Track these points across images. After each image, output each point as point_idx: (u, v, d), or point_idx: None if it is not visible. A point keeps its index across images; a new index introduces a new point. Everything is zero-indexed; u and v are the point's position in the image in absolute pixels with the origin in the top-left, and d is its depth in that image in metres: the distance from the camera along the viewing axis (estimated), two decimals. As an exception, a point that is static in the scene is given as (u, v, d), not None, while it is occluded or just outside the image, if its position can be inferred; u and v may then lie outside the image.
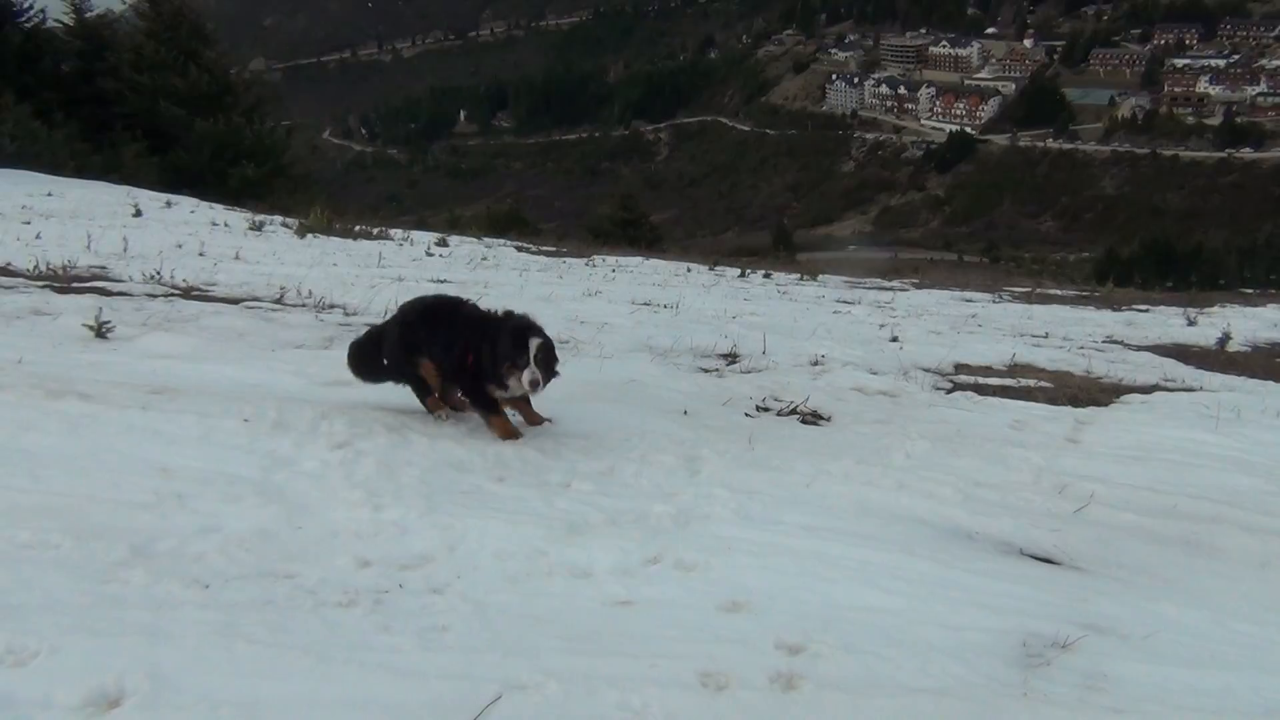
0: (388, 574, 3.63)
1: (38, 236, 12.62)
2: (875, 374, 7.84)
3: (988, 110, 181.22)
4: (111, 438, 4.67)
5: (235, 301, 8.78)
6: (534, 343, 4.97)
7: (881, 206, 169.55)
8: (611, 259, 20.11)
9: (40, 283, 8.74)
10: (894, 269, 30.86)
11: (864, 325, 11.58)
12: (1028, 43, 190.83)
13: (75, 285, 8.77)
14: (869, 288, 18.21)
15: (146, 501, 3.99)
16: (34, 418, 4.82)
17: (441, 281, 12.02)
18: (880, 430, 6.11)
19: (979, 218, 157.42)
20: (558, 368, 5.25)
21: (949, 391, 7.63)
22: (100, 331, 6.63)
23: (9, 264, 9.63)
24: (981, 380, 8.16)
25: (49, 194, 19.26)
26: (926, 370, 8.30)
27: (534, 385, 5.01)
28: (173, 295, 8.76)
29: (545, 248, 22.59)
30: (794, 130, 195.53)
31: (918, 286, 19.58)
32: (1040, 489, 5.18)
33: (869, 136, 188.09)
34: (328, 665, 2.97)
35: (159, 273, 9.67)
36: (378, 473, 4.60)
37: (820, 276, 20.53)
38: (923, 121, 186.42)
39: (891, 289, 18.06)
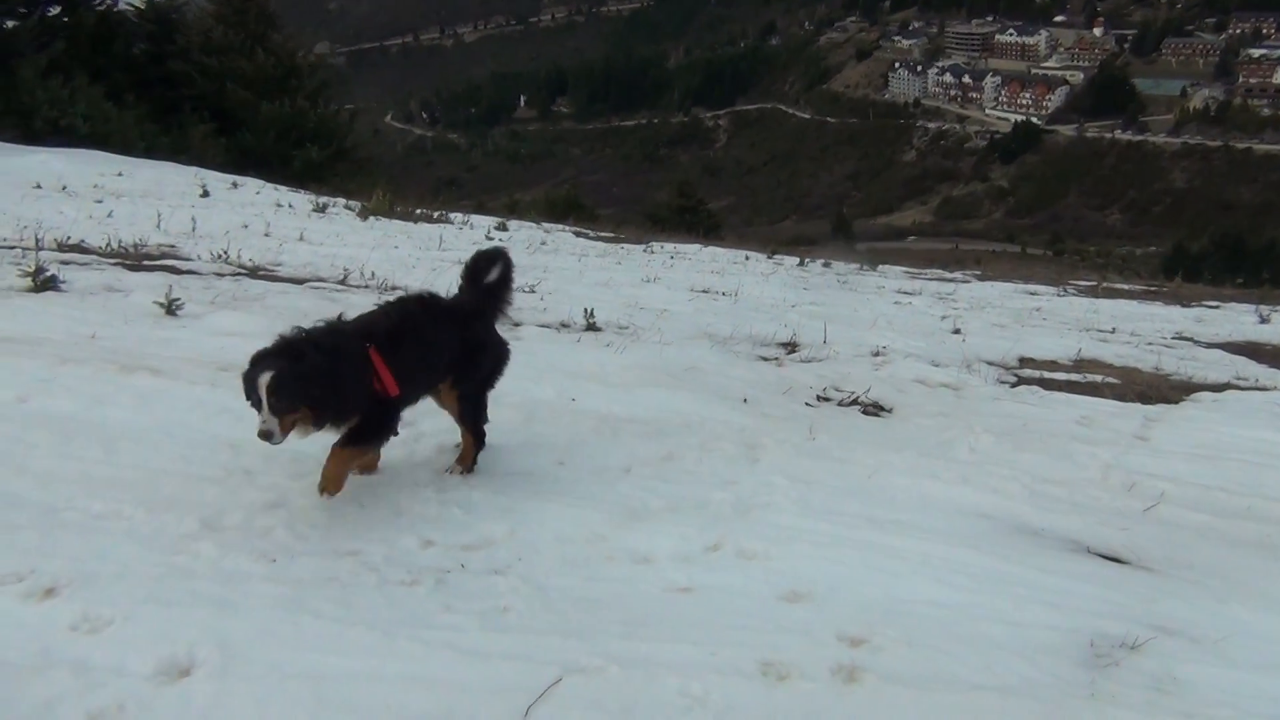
0: (450, 554, 3.66)
1: (110, 215, 12.90)
2: (937, 366, 7.74)
3: (1054, 100, 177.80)
4: (182, 413, 4.76)
5: (300, 282, 8.89)
6: (264, 379, 3.59)
7: (943, 197, 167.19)
8: (669, 246, 20.05)
9: (112, 260, 8.93)
10: (955, 260, 30.44)
11: (925, 316, 11.43)
12: (1097, 31, 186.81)
13: (146, 263, 8.94)
14: (930, 279, 17.96)
15: (215, 476, 4.07)
16: (107, 392, 4.94)
17: (501, 265, 12.07)
18: (943, 423, 6.02)
19: (1043, 210, 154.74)
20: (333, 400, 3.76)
21: (1013, 385, 7.51)
22: (170, 309, 6.75)
23: (82, 241, 9.84)
24: (1047, 375, 8.02)
25: (120, 174, 19.66)
26: (990, 363, 8.16)
27: (266, 436, 3.61)
28: (240, 274, 8.90)
29: (603, 233, 22.60)
30: (855, 118, 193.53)
31: (980, 278, 19.27)
32: (1108, 487, 5.07)
33: (931, 125, 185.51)
34: (391, 641, 3.01)
35: (226, 252, 9.82)
36: (438, 454, 4.64)
37: (880, 266, 20.29)
38: (987, 111, 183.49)
39: (953, 280, 17.79)
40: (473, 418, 4.51)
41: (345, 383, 3.77)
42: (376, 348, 3.93)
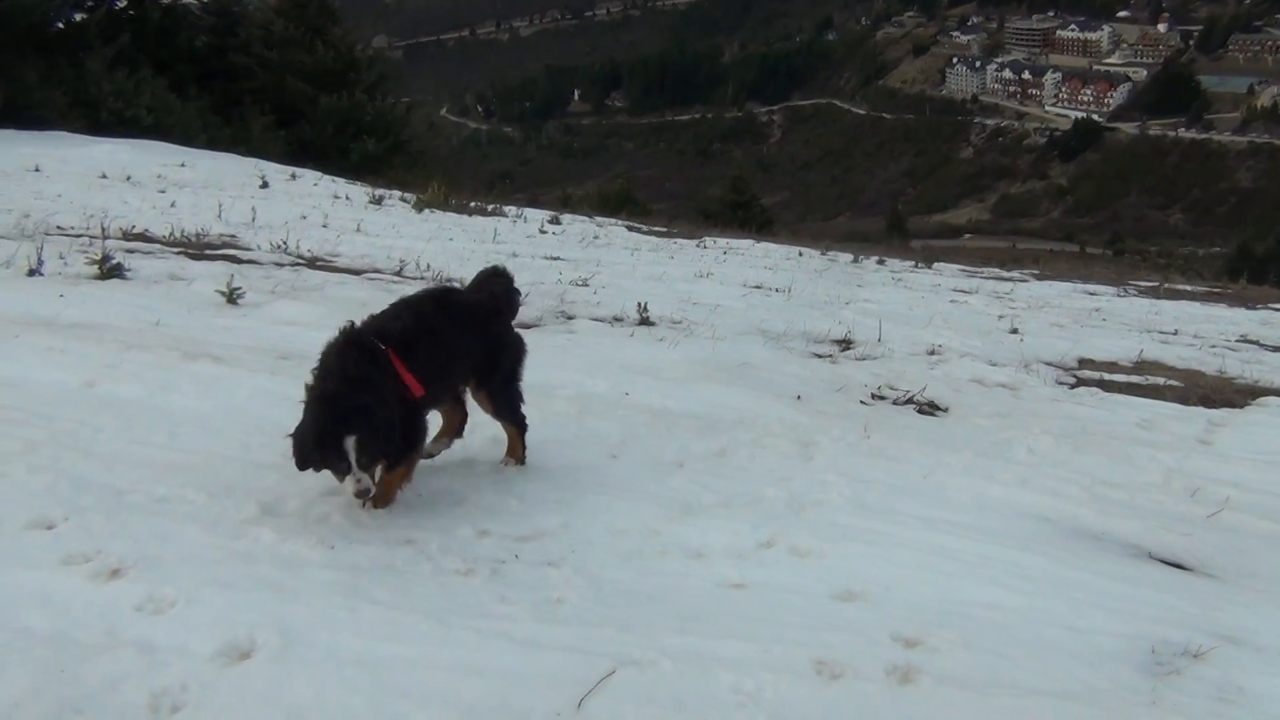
0: (505, 545, 3.68)
1: (173, 205, 13.16)
2: (994, 365, 7.65)
3: (1117, 97, 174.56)
4: (242, 400, 4.85)
5: (357, 273, 9.00)
6: (350, 442, 3.54)
7: (1000, 194, 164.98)
8: (722, 241, 19.99)
9: (175, 249, 9.10)
10: (1013, 259, 30.01)
11: (982, 315, 11.28)
12: (1162, 27, 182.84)
13: (208, 252, 9.11)
14: (987, 277, 17.70)
15: (274, 462, 4.12)
16: (171, 378, 5.03)
17: (555, 259, 12.13)
18: (1000, 424, 5.95)
19: (1103, 209, 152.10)
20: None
21: (1072, 387, 7.40)
22: (231, 297, 6.87)
23: (147, 230, 10.05)
24: (1107, 376, 7.88)
25: (182, 164, 20.03)
26: (1048, 364, 8.04)
27: (363, 495, 3.63)
28: (298, 265, 9.03)
29: (656, 228, 22.59)
30: (911, 114, 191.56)
31: (1038, 277, 18.96)
32: (1170, 491, 4.98)
33: (989, 122, 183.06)
34: (447, 630, 3.03)
35: (285, 243, 9.97)
36: (493, 445, 4.66)
37: (936, 264, 20.06)
38: (1047, 107, 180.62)
39: (1010, 279, 17.52)
40: (509, 409, 4.47)
41: (393, 414, 3.69)
42: (393, 350, 3.83)
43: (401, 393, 3.80)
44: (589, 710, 2.74)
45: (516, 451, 4.51)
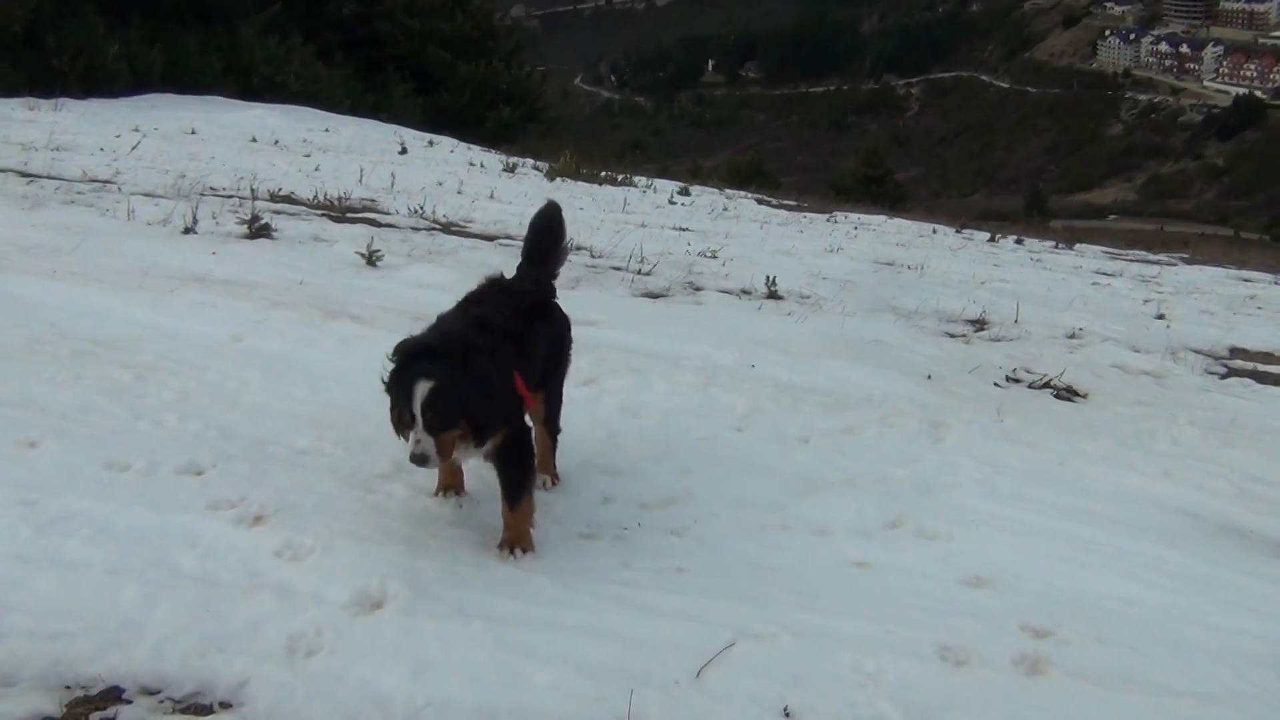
0: (629, 512, 3.71)
1: (317, 169, 13.62)
2: (1138, 352, 7.32)
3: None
4: (379, 358, 4.97)
5: (490, 238, 9.16)
6: (421, 389, 3.02)
7: (1150, 174, 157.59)
8: (853, 216, 19.63)
9: (319, 211, 9.42)
10: (1160, 241, 28.63)
11: (1126, 299, 10.81)
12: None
13: (349, 215, 9.40)
14: (1132, 260, 16.94)
15: (408, 421, 4.23)
16: (313, 335, 5.23)
17: (683, 230, 12.11)
18: (1143, 412, 5.69)
19: (1262, 191, 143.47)
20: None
21: (1223, 377, 7.03)
22: (371, 259, 7.07)
23: (292, 193, 10.43)
24: (1261, 367, 7.46)
25: (326, 129, 20.71)
26: (1197, 352, 7.66)
27: (421, 460, 3.06)
28: (434, 229, 9.24)
29: (786, 201, 22.32)
30: (1057, 89, 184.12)
31: (1187, 261, 18.05)
32: (1328, 491, 4.69)
33: (1142, 98, 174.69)
34: (570, 592, 3.08)
35: (422, 208, 10.21)
36: (620, 414, 4.70)
37: (1078, 245, 19.29)
38: (1205, 83, 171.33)
39: (1158, 263, 16.72)
40: (555, 414, 3.93)
41: (503, 393, 3.22)
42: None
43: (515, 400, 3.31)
44: (707, 680, 2.75)
45: (551, 466, 3.90)
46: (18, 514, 3.16)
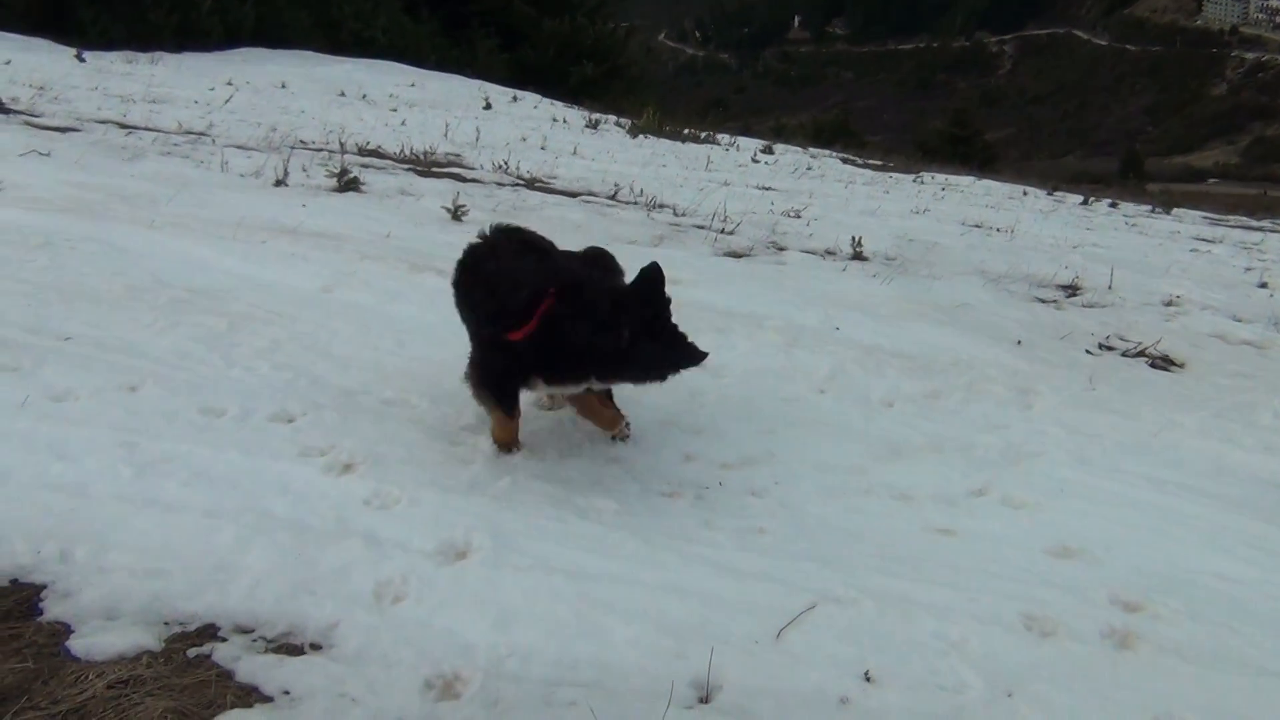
0: (710, 471, 3.70)
1: (403, 123, 13.76)
2: (1239, 321, 7.06)
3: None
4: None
5: (573, 195, 9.16)
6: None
7: (1254, 136, 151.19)
8: (940, 177, 19.23)
9: (405, 166, 9.52)
10: (1264, 207, 27.52)
11: (1227, 267, 10.42)
12: None
13: (434, 170, 9.48)
14: (1233, 226, 16.32)
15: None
16: (400, 288, 5.30)
17: (766, 189, 11.98)
18: (1243, 384, 5.50)
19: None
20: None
21: (1329, 349, 6.74)
22: (456, 214, 7.13)
23: (380, 147, 10.56)
24: (1370, 340, 7.14)
25: (412, 85, 20.89)
26: (1302, 323, 7.36)
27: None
28: (518, 185, 9.28)
29: (871, 161, 21.93)
30: (1159, 46, 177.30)
31: (1293, 229, 17.34)
32: None
33: (1249, 56, 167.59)
34: (651, 550, 3.09)
35: (506, 163, 10.26)
36: (701, 372, 4.66)
37: (1175, 210, 18.65)
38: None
39: (1261, 229, 16.09)
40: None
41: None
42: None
43: None
44: (787, 641, 2.75)
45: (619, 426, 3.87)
46: (119, 455, 3.27)
